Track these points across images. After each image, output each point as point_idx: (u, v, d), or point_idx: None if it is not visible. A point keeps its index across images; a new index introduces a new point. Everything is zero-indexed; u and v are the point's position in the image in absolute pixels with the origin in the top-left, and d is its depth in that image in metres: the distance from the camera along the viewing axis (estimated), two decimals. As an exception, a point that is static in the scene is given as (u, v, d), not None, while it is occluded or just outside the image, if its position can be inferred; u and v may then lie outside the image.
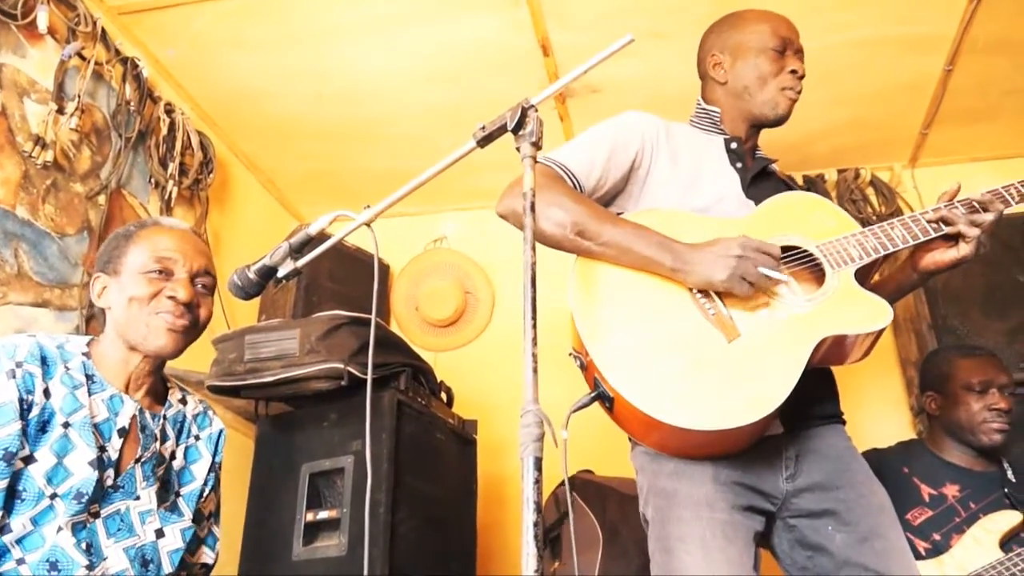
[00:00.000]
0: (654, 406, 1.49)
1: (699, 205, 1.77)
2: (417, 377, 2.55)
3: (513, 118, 1.41)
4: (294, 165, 3.60)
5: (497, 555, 3.26)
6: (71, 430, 1.52)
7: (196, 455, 1.76)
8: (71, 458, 1.50)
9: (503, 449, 3.37)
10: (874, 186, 3.53)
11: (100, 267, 1.69)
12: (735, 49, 1.89)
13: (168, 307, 1.64)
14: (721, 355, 1.55)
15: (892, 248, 1.67)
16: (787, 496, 1.66)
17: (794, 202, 1.80)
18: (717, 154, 1.88)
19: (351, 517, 2.26)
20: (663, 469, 1.63)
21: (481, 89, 3.16)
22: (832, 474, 1.67)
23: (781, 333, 1.58)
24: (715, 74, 1.92)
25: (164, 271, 1.66)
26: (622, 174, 1.78)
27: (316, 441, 2.42)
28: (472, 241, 3.81)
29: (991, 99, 3.21)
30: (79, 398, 1.55)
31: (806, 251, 1.69)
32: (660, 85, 3.11)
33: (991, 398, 2.29)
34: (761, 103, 1.86)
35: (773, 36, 1.86)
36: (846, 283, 1.64)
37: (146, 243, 1.68)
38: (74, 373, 1.57)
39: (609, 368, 1.53)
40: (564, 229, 1.63)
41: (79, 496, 1.49)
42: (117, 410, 1.60)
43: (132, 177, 2.87)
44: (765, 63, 1.85)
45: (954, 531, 2.20)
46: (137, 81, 2.86)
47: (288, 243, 1.59)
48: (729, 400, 1.50)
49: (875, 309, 1.61)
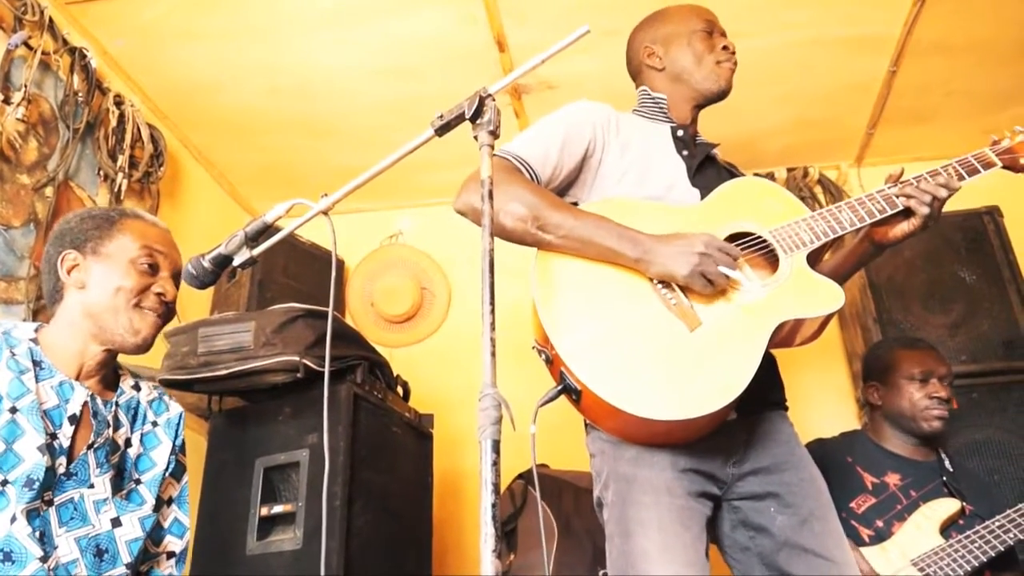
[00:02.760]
0: (622, 398, 1.51)
1: (651, 194, 1.81)
2: (373, 370, 2.54)
3: (471, 106, 1.42)
4: (247, 159, 3.57)
5: (453, 550, 3.27)
6: (19, 415, 1.49)
7: (155, 441, 1.74)
8: (20, 444, 1.48)
9: (459, 444, 3.38)
10: (822, 184, 3.63)
11: (72, 244, 1.66)
12: (666, 38, 1.98)
13: (153, 304, 1.65)
14: (684, 344, 1.58)
15: (841, 231, 1.73)
16: (732, 479, 1.70)
17: (747, 188, 1.85)
18: (664, 142, 1.92)
19: (306, 511, 2.25)
20: (624, 455, 1.66)
21: (437, 84, 3.16)
22: (778, 458, 1.73)
23: (740, 320, 1.62)
24: (651, 63, 1.99)
25: (153, 264, 1.67)
26: (576, 163, 1.81)
27: (270, 435, 2.40)
28: (429, 237, 3.81)
29: (933, 100, 3.32)
30: (25, 383, 1.52)
31: (760, 237, 1.74)
32: (614, 81, 3.11)
33: (932, 387, 2.36)
34: (702, 79, 1.93)
35: (699, 19, 1.98)
36: (799, 267, 1.70)
37: (136, 233, 1.68)
38: (20, 359, 1.55)
39: (575, 361, 1.54)
40: (524, 223, 1.64)
41: (30, 483, 1.46)
42: (67, 397, 1.58)
43: (80, 169, 2.81)
44: (697, 43, 1.94)
45: (895, 518, 2.26)
46: (85, 72, 2.81)
47: (244, 231, 1.58)
48: (694, 389, 1.53)
49: (828, 293, 1.67)
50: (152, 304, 1.65)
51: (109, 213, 1.72)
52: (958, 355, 2.86)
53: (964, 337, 2.91)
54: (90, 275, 1.63)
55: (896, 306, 2.97)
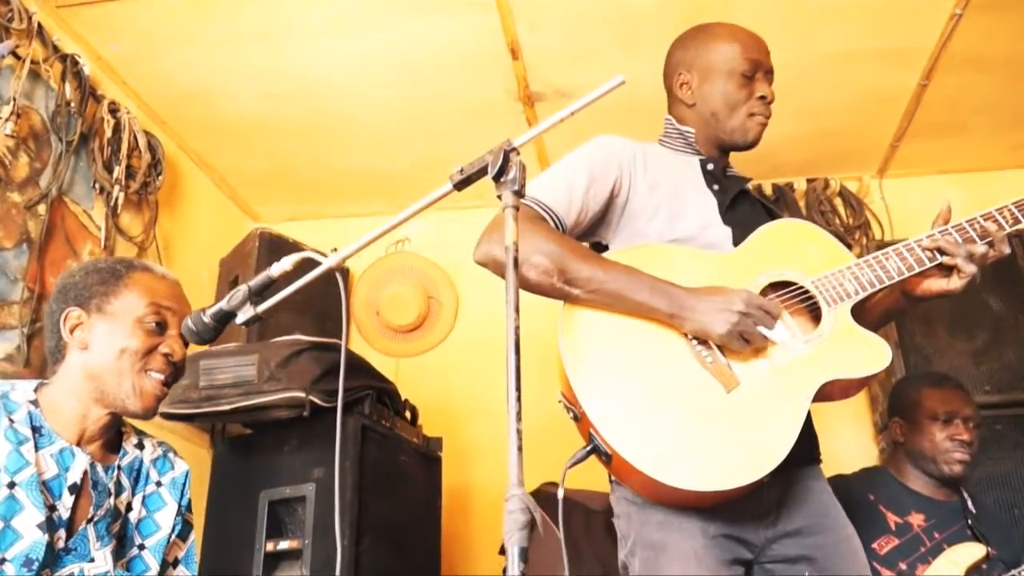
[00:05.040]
0: (656, 467, 1.43)
1: (683, 234, 1.71)
2: (381, 399, 2.46)
3: (495, 163, 1.30)
4: (248, 164, 3.45)
5: (461, 565, 3.21)
6: (17, 490, 1.41)
7: (159, 503, 1.66)
8: (18, 520, 1.40)
9: (467, 458, 3.32)
10: (842, 197, 3.52)
11: (75, 301, 1.57)
12: (703, 70, 1.82)
13: (160, 365, 1.56)
14: (721, 407, 1.51)
15: (888, 281, 1.64)
16: (766, 543, 1.63)
17: (784, 232, 1.74)
18: (694, 177, 1.82)
19: (313, 549, 2.18)
20: (651, 519, 1.58)
21: (447, 90, 3.05)
22: (811, 519, 1.66)
23: (780, 381, 1.54)
24: (682, 95, 1.85)
25: (160, 323, 1.58)
26: (601, 205, 1.71)
27: (275, 467, 2.33)
28: (435, 244, 3.71)
29: (963, 114, 3.21)
30: (24, 455, 1.44)
31: (801, 287, 1.64)
32: (630, 92, 2.99)
33: (955, 429, 2.30)
34: (730, 130, 1.80)
35: (743, 59, 1.79)
36: (843, 321, 1.61)
37: (142, 289, 1.59)
38: (19, 427, 1.46)
39: (606, 426, 1.47)
40: (550, 277, 1.55)
41: (29, 563, 1.38)
42: (68, 465, 1.49)
43: (75, 183, 2.70)
44: (733, 89, 1.78)
45: (919, 561, 2.20)
46: (78, 79, 2.69)
47: (247, 286, 1.49)
48: (731, 458, 1.46)
49: (873, 350, 1.59)
50: (159, 366, 1.55)
51: (116, 267, 1.62)
52: (981, 385, 2.80)
53: (988, 366, 2.85)
54: (93, 335, 1.54)
55: (920, 331, 2.89)
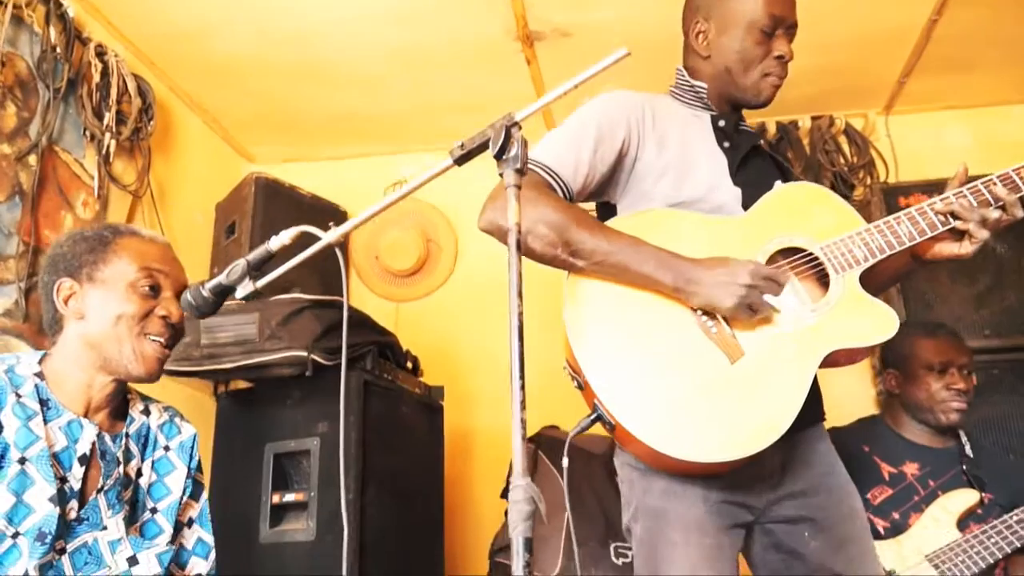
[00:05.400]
0: (658, 439, 1.45)
1: (691, 195, 1.68)
2: (383, 352, 2.46)
3: (496, 140, 1.25)
4: (241, 104, 3.36)
5: (461, 508, 3.27)
6: (28, 465, 1.42)
7: (168, 466, 1.67)
8: (30, 495, 1.41)
9: (469, 401, 3.35)
10: (847, 135, 3.46)
11: (66, 271, 1.55)
12: (721, 20, 1.74)
13: (159, 328, 1.55)
14: (725, 377, 1.51)
15: (899, 246, 1.60)
16: (768, 504, 1.64)
17: (796, 196, 1.71)
18: (704, 133, 1.77)
19: (319, 502, 2.21)
20: (653, 487, 1.59)
21: (444, 30, 2.95)
22: (813, 480, 1.67)
23: (785, 350, 1.54)
24: (697, 45, 1.78)
25: (153, 286, 1.56)
26: (610, 165, 1.68)
27: (279, 421, 2.35)
28: (434, 186, 3.60)
29: (972, 50, 3.13)
30: (34, 430, 1.44)
31: (810, 253, 1.62)
32: (634, 30, 2.94)
33: (951, 378, 2.30)
34: (742, 87, 1.75)
35: (764, 14, 1.70)
36: (851, 289, 1.59)
37: (131, 253, 1.57)
38: (27, 401, 1.46)
39: (609, 396, 1.48)
40: (555, 248, 1.54)
41: (42, 536, 1.40)
42: (76, 436, 1.50)
43: (64, 131, 2.64)
44: (751, 45, 1.71)
45: (913, 510, 2.24)
46: (63, 22, 2.60)
47: (246, 260, 1.47)
48: (736, 429, 1.47)
49: (881, 319, 1.57)
50: (157, 329, 1.55)
51: (103, 233, 1.59)
52: (981, 329, 2.79)
53: (988, 310, 2.84)
54: (88, 304, 1.53)
55: (921, 276, 2.87)
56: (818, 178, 3.40)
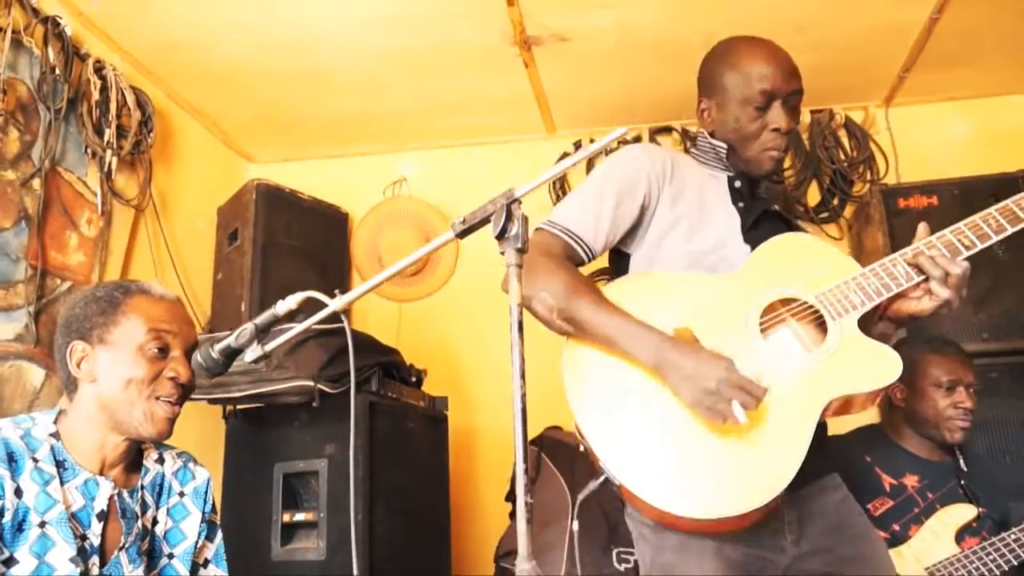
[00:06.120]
0: (660, 498, 1.48)
1: (700, 248, 1.72)
2: (388, 372, 2.50)
3: (498, 220, 1.28)
4: (240, 109, 3.36)
5: (467, 507, 3.34)
6: (48, 527, 1.46)
7: (183, 512, 1.72)
8: (52, 555, 1.46)
9: (472, 403, 3.40)
10: (847, 129, 3.45)
11: (77, 333, 1.58)
12: (719, 98, 1.80)
13: (168, 391, 1.58)
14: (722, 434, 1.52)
15: (896, 288, 1.60)
16: (794, 560, 1.64)
17: (787, 246, 1.72)
18: (720, 192, 1.81)
19: (328, 522, 2.27)
20: (666, 543, 1.61)
21: (442, 36, 2.94)
22: (832, 534, 1.67)
23: (785, 402, 1.55)
24: (703, 122, 1.85)
25: (162, 348, 1.59)
26: (633, 221, 1.73)
27: (287, 441, 2.40)
28: (432, 184, 3.67)
29: (974, 46, 3.11)
30: (52, 494, 1.48)
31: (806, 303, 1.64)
32: (630, 35, 2.93)
33: (958, 396, 2.33)
34: (744, 161, 1.80)
35: (757, 88, 1.73)
36: (849, 333, 1.60)
37: (141, 315, 1.59)
38: (43, 465, 1.50)
39: (610, 459, 1.51)
40: (551, 314, 1.59)
41: (64, 596, 1.45)
42: (93, 494, 1.54)
43: (67, 151, 2.64)
44: (745, 121, 1.76)
45: (912, 522, 2.30)
46: (61, 41, 2.59)
47: (254, 324, 1.50)
48: (736, 486, 1.49)
49: (882, 362, 1.58)
50: (167, 391, 1.58)
51: (113, 294, 1.61)
52: (979, 332, 2.81)
53: (987, 313, 2.84)
54: (99, 367, 1.56)
55: (920, 277, 2.87)
56: (817, 175, 3.41)
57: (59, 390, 2.42)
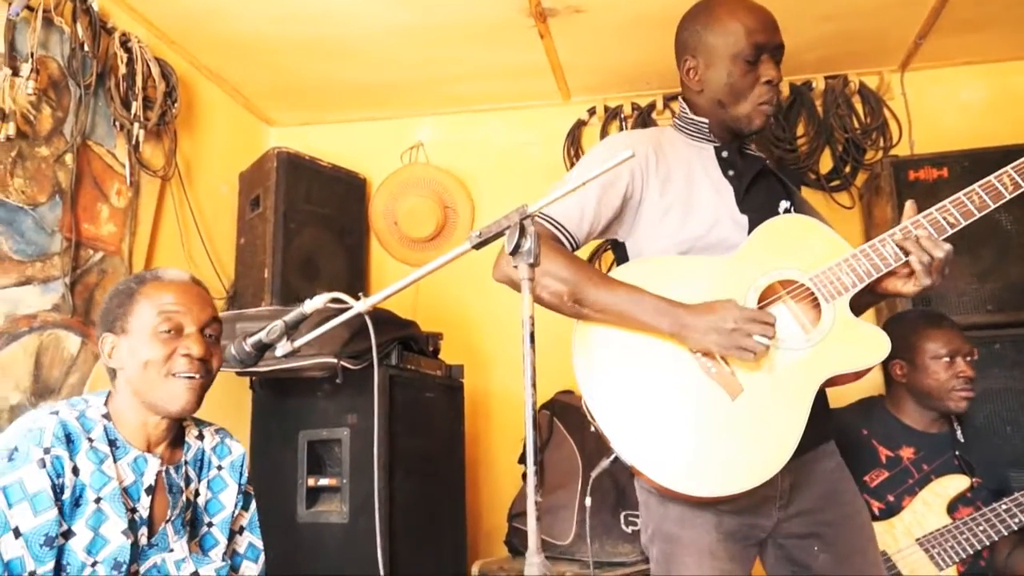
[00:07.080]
0: (666, 476, 1.59)
1: (694, 233, 1.78)
2: (407, 345, 2.61)
3: (512, 237, 1.35)
4: (261, 77, 3.40)
5: (482, 465, 3.48)
6: (103, 503, 1.59)
7: (222, 484, 1.85)
8: (105, 528, 1.59)
9: (486, 365, 3.51)
10: (861, 95, 3.45)
11: (106, 327, 1.70)
12: (707, 55, 1.81)
13: (184, 366, 1.67)
14: (726, 414, 1.63)
15: (885, 268, 1.68)
16: (778, 522, 1.76)
17: (784, 228, 1.78)
18: (709, 165, 1.86)
19: (351, 488, 2.41)
20: (668, 514, 1.72)
21: (457, 9, 2.95)
22: (821, 499, 1.78)
23: (783, 383, 1.64)
24: (689, 81, 1.87)
25: (174, 328, 1.68)
26: (614, 211, 1.79)
27: (311, 409, 2.52)
28: (449, 150, 3.72)
29: (992, 9, 3.07)
30: (106, 472, 1.60)
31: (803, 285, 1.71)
32: (644, 5, 2.93)
33: (959, 366, 2.40)
34: (735, 118, 1.82)
35: (746, 40, 1.76)
36: (842, 315, 1.68)
37: (150, 300, 1.69)
38: (98, 445, 1.62)
39: (619, 438, 1.62)
40: (561, 298, 1.67)
41: (118, 565, 1.58)
42: (142, 470, 1.67)
43: (96, 125, 2.71)
44: (737, 76, 1.78)
45: (907, 493, 2.40)
46: (88, 16, 2.65)
47: (284, 321, 1.60)
48: (738, 464, 1.60)
49: (872, 342, 1.67)
50: (183, 368, 1.66)
51: (130, 285, 1.72)
52: (983, 304, 2.85)
53: (991, 285, 2.87)
54: (124, 355, 1.68)
55: (925, 249, 2.91)
56: (831, 142, 3.43)
57: (95, 355, 2.55)
